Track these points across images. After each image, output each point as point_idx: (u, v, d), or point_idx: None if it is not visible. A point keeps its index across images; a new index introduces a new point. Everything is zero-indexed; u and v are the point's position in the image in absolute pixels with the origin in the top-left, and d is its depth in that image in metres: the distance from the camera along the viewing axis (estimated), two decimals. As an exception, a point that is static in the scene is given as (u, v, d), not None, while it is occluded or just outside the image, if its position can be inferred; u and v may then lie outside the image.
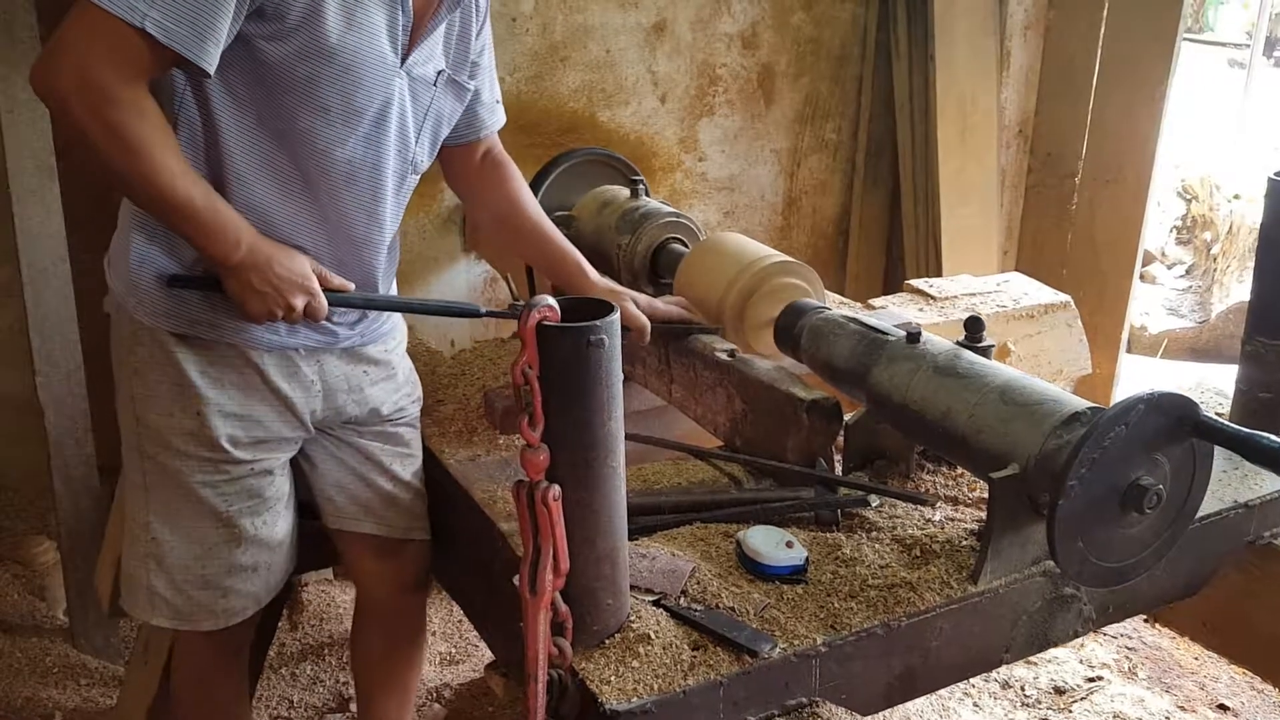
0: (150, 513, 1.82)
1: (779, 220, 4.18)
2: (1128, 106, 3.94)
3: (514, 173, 2.12)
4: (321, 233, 1.75)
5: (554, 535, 1.34)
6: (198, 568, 1.84)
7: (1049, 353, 2.98)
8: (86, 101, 1.46)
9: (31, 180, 2.56)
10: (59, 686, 2.69)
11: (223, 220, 1.60)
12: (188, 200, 1.56)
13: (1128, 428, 1.41)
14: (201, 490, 1.80)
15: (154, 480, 1.81)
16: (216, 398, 1.76)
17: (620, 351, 1.37)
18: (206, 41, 1.50)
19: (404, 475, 2.04)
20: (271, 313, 1.66)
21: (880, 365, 1.77)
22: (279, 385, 1.81)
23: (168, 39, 1.47)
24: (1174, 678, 3.10)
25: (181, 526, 1.82)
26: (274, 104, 1.63)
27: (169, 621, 1.86)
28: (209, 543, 1.83)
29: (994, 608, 1.60)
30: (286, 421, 1.84)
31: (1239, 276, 6.29)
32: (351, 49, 1.62)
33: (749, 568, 1.61)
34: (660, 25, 3.69)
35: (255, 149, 1.67)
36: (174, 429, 1.76)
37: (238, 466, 1.81)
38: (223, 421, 1.77)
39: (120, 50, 1.46)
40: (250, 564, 1.88)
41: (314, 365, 1.85)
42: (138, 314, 1.73)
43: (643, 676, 1.39)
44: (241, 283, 1.64)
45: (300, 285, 1.67)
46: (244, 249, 1.62)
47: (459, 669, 2.96)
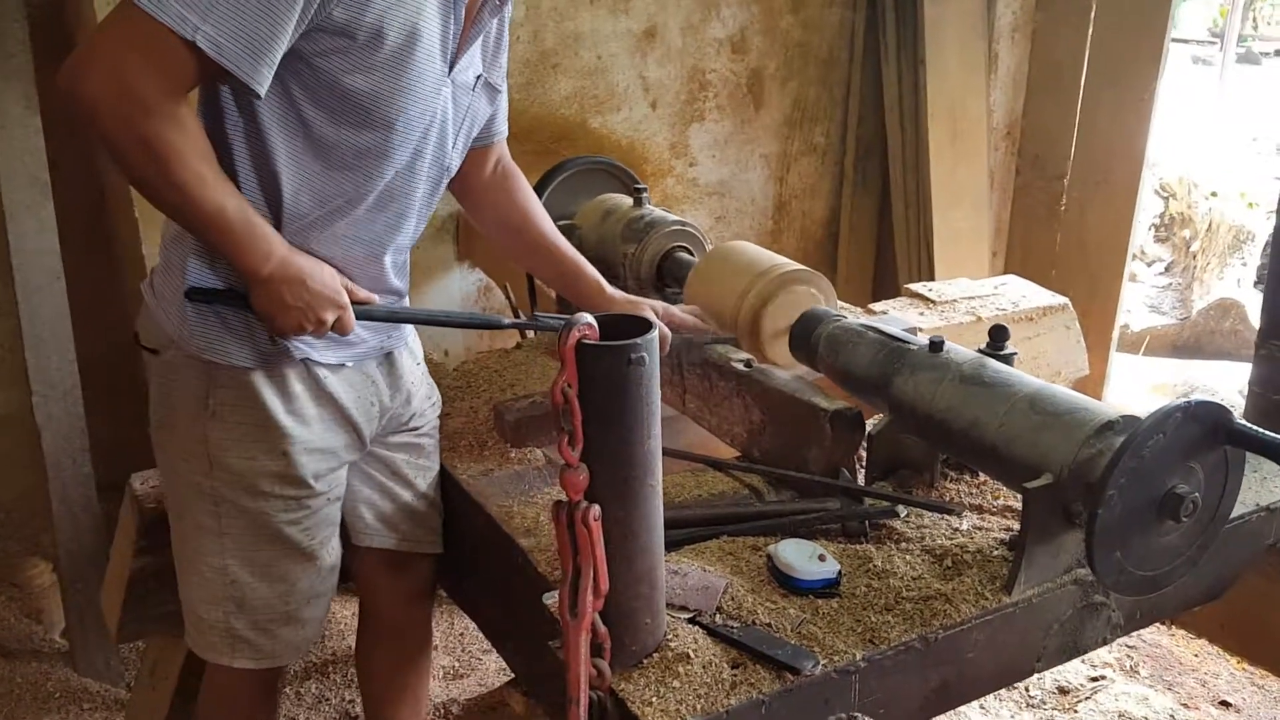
0: (227, 556, 1.76)
1: (769, 224, 4.18)
2: (1116, 108, 3.96)
3: (525, 183, 2.08)
4: (358, 245, 1.71)
5: (594, 556, 1.32)
6: (281, 605, 1.80)
7: (1048, 355, 2.99)
8: (120, 111, 1.39)
9: (24, 195, 2.52)
10: (61, 711, 2.65)
11: (255, 231, 1.54)
12: (219, 210, 1.49)
13: (1165, 436, 1.41)
14: (287, 529, 1.76)
15: (231, 524, 1.75)
16: (301, 434, 1.72)
17: (658, 369, 1.35)
18: (260, 62, 1.43)
19: (424, 487, 2.02)
20: (301, 327, 1.61)
21: (903, 374, 1.77)
22: (350, 411, 1.78)
23: (220, 56, 1.40)
24: (1175, 675, 3.12)
25: (263, 567, 1.77)
26: (331, 121, 1.57)
27: (252, 662, 1.82)
28: (292, 579, 1.80)
29: (1027, 618, 1.60)
30: (353, 443, 1.83)
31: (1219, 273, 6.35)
32: (416, 62, 1.57)
33: (781, 582, 1.60)
34: (650, 31, 3.68)
35: (303, 165, 1.61)
36: (258, 471, 1.71)
37: (318, 499, 1.78)
38: (308, 458, 1.74)
39: (163, 61, 1.39)
40: (324, 590, 1.86)
41: (368, 383, 1.83)
42: (210, 354, 1.66)
43: (684, 697, 1.38)
44: (272, 297, 1.58)
45: (332, 300, 1.63)
46: (275, 261, 1.56)
47: (464, 683, 2.93)
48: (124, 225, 2.84)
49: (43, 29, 2.64)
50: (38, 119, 2.51)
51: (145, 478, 2.13)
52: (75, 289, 2.63)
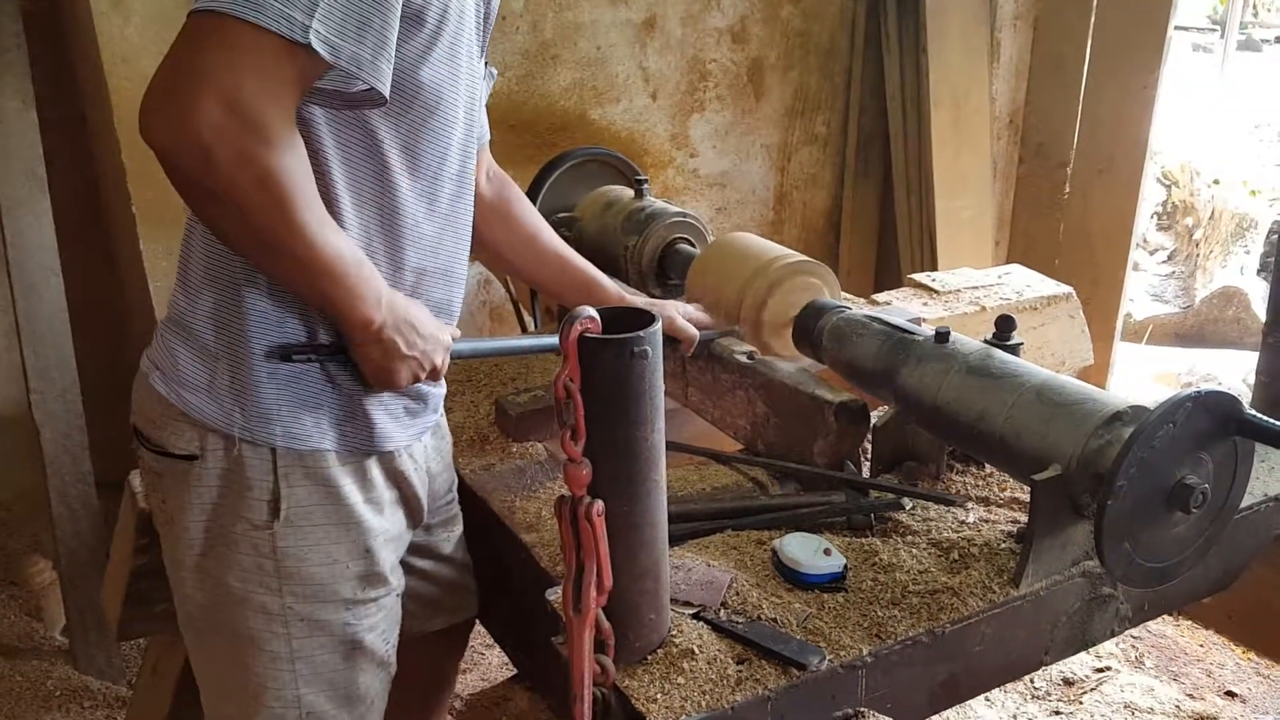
0: (302, 684, 1.52)
1: (770, 215, 4.16)
2: (1119, 95, 3.94)
3: (520, 194, 1.93)
4: (428, 267, 1.51)
5: (598, 552, 1.31)
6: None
7: (1052, 344, 2.97)
8: (237, 145, 1.14)
9: (21, 190, 2.51)
10: (62, 709, 2.64)
11: (368, 276, 1.33)
12: (338, 257, 1.27)
13: (1175, 426, 1.40)
14: (368, 637, 1.56)
15: (305, 645, 1.51)
16: (380, 526, 1.54)
17: (661, 362, 1.34)
18: (380, 58, 1.22)
19: (459, 555, 1.86)
20: (416, 377, 1.44)
21: (909, 366, 1.75)
22: (415, 486, 1.61)
23: (335, 57, 1.18)
24: (1180, 665, 3.11)
25: (345, 690, 1.56)
26: (397, 124, 1.37)
27: None
28: (372, 696, 1.61)
29: (1035, 611, 1.59)
30: (414, 523, 1.67)
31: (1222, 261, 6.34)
32: (465, 54, 1.42)
33: (787, 576, 1.58)
34: (650, 21, 3.66)
35: (364, 182, 1.39)
36: (339, 576, 1.50)
37: (390, 596, 1.60)
38: (387, 550, 1.55)
39: (276, 76, 1.16)
40: (388, 688, 1.68)
41: (422, 449, 1.64)
42: (283, 440, 1.41)
43: (689, 693, 1.37)
44: (387, 348, 1.38)
45: (441, 340, 1.45)
46: (385, 307, 1.35)
47: (467, 678, 2.93)
48: (121, 221, 2.83)
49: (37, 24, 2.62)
50: (34, 114, 2.49)
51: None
52: (72, 286, 2.62)
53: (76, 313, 2.63)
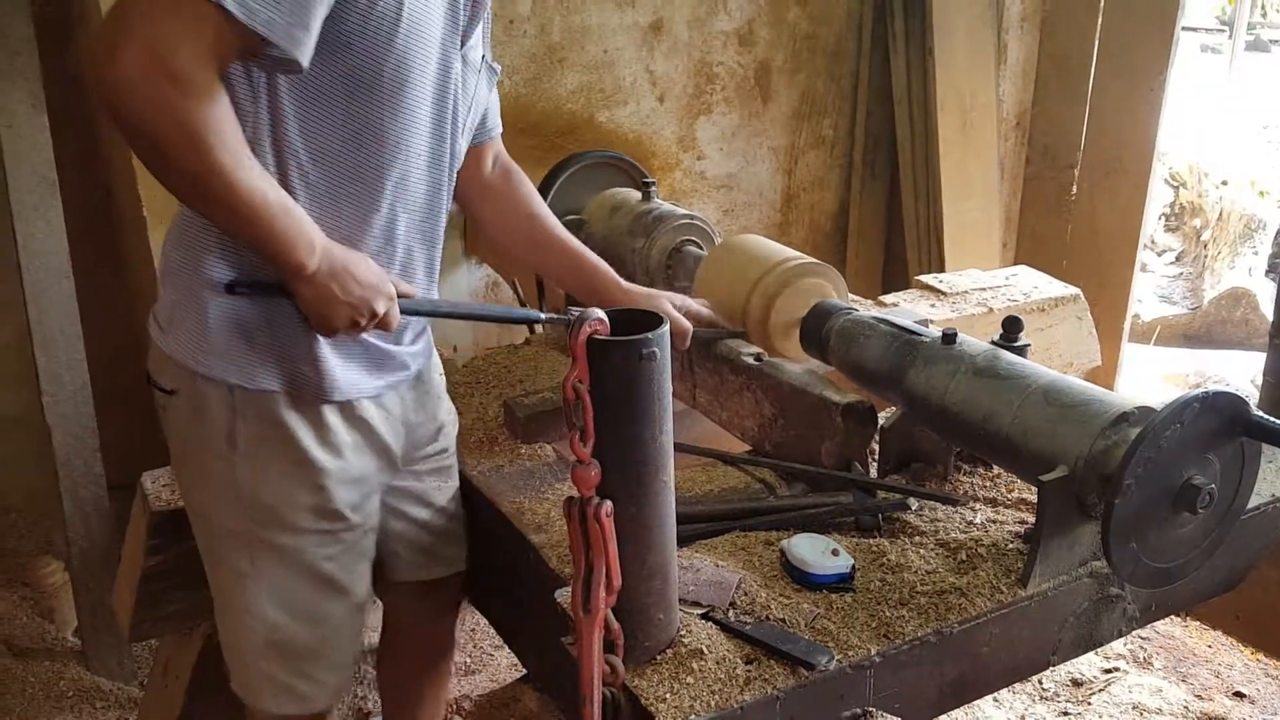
0: (264, 601, 1.67)
1: (777, 217, 4.17)
2: (1126, 97, 3.94)
3: (527, 181, 2.02)
4: (395, 240, 1.62)
5: (607, 552, 1.31)
6: (324, 649, 1.74)
7: (1059, 346, 2.98)
8: (154, 84, 1.25)
9: (33, 195, 2.52)
10: (74, 710, 2.65)
11: (298, 223, 1.42)
12: (262, 201, 1.37)
13: (1183, 427, 1.40)
14: (324, 565, 1.68)
15: (266, 565, 1.65)
16: (336, 466, 1.64)
17: (670, 363, 1.35)
18: (297, 27, 1.32)
19: (451, 506, 1.96)
20: (355, 323, 1.52)
21: (916, 367, 1.75)
22: (381, 433, 1.70)
23: (250, 19, 1.27)
24: (1189, 666, 3.10)
25: (305, 610, 1.69)
26: (353, 96, 1.47)
27: (296, 708, 1.75)
28: (334, 620, 1.73)
29: (1043, 611, 1.59)
30: (386, 468, 1.75)
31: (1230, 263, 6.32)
32: (430, 38, 1.49)
33: (795, 577, 1.59)
34: (657, 24, 3.67)
35: (326, 148, 1.49)
36: (292, 506, 1.62)
37: (353, 532, 1.71)
38: (344, 489, 1.66)
39: (194, 30, 1.26)
40: (358, 628, 1.80)
41: (395, 399, 1.73)
42: (233, 378, 1.54)
43: (698, 693, 1.37)
44: (321, 293, 1.48)
45: (382, 290, 1.53)
46: (319, 253, 1.45)
47: (476, 679, 2.93)
48: (132, 223, 2.84)
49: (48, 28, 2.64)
50: (45, 118, 2.51)
51: (156, 477, 2.12)
52: (84, 288, 2.63)
53: (88, 315, 2.64)
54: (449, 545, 1.97)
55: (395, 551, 1.90)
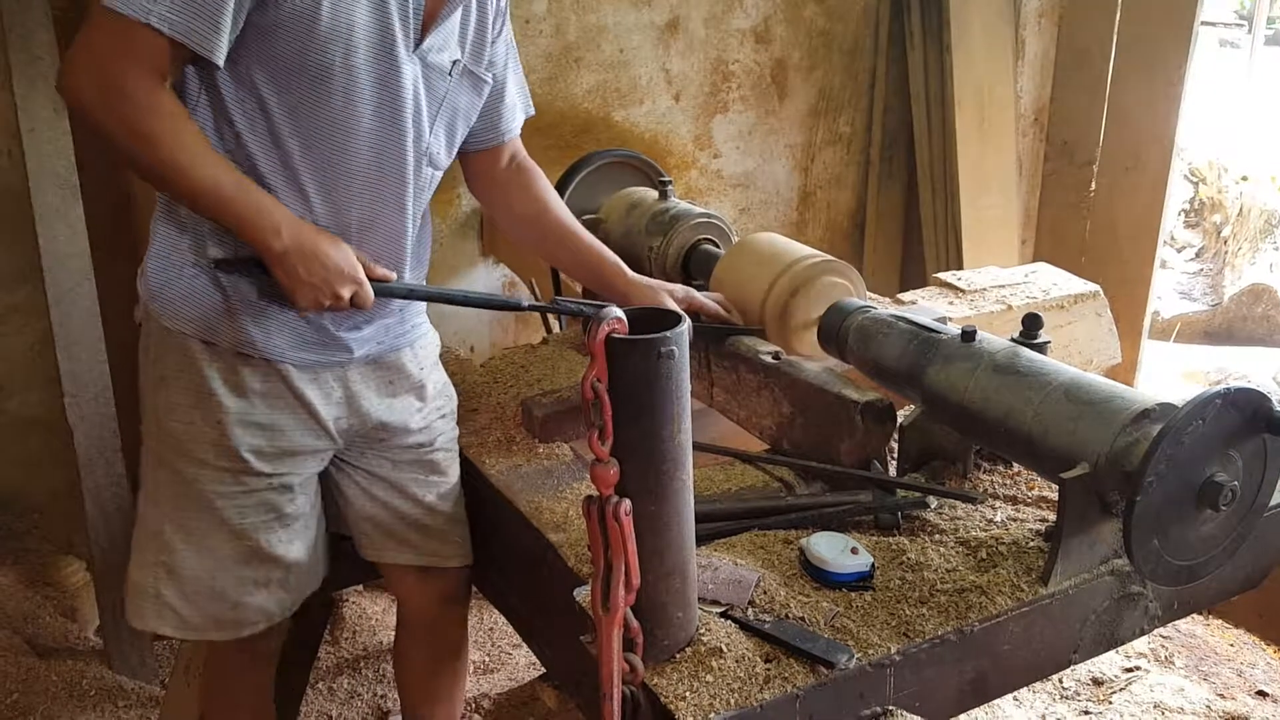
0: (163, 521, 1.80)
1: (794, 215, 4.16)
2: (1145, 92, 3.91)
3: (541, 176, 2.09)
4: (344, 229, 1.72)
5: (626, 551, 1.31)
6: (208, 579, 1.81)
7: (1079, 343, 2.96)
8: (105, 103, 1.48)
9: (54, 198, 2.53)
10: (96, 709, 2.67)
11: (258, 205, 1.59)
12: (215, 186, 1.55)
13: (1204, 423, 1.39)
14: (217, 501, 1.78)
15: (169, 490, 1.79)
16: (239, 407, 1.74)
17: (689, 362, 1.34)
18: (211, 31, 1.50)
19: (439, 504, 2.01)
20: (319, 303, 1.64)
21: (935, 365, 1.75)
22: (302, 390, 1.78)
23: (173, 31, 1.47)
24: (1211, 665, 3.08)
25: (194, 536, 1.79)
26: (287, 99, 1.61)
27: (175, 631, 1.84)
28: (220, 555, 1.81)
29: (1064, 609, 1.58)
30: (310, 430, 1.81)
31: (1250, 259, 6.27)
32: (359, 35, 1.61)
33: (814, 575, 1.59)
34: (673, 23, 3.67)
35: (273, 146, 1.64)
36: (195, 437, 1.74)
37: (256, 479, 1.79)
38: (244, 431, 1.75)
39: (131, 48, 1.47)
40: (263, 579, 1.85)
41: (337, 371, 1.82)
42: (163, 319, 1.71)
43: (718, 691, 1.37)
44: (289, 272, 1.61)
45: (348, 275, 1.65)
46: (286, 236, 1.60)
47: (495, 678, 2.94)
48: (152, 226, 2.86)
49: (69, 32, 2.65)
50: (66, 122, 2.52)
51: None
52: (105, 290, 2.64)
53: (109, 318, 2.66)
54: (427, 538, 2.01)
55: (364, 529, 2.00)
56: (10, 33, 2.46)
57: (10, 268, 2.91)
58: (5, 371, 3.04)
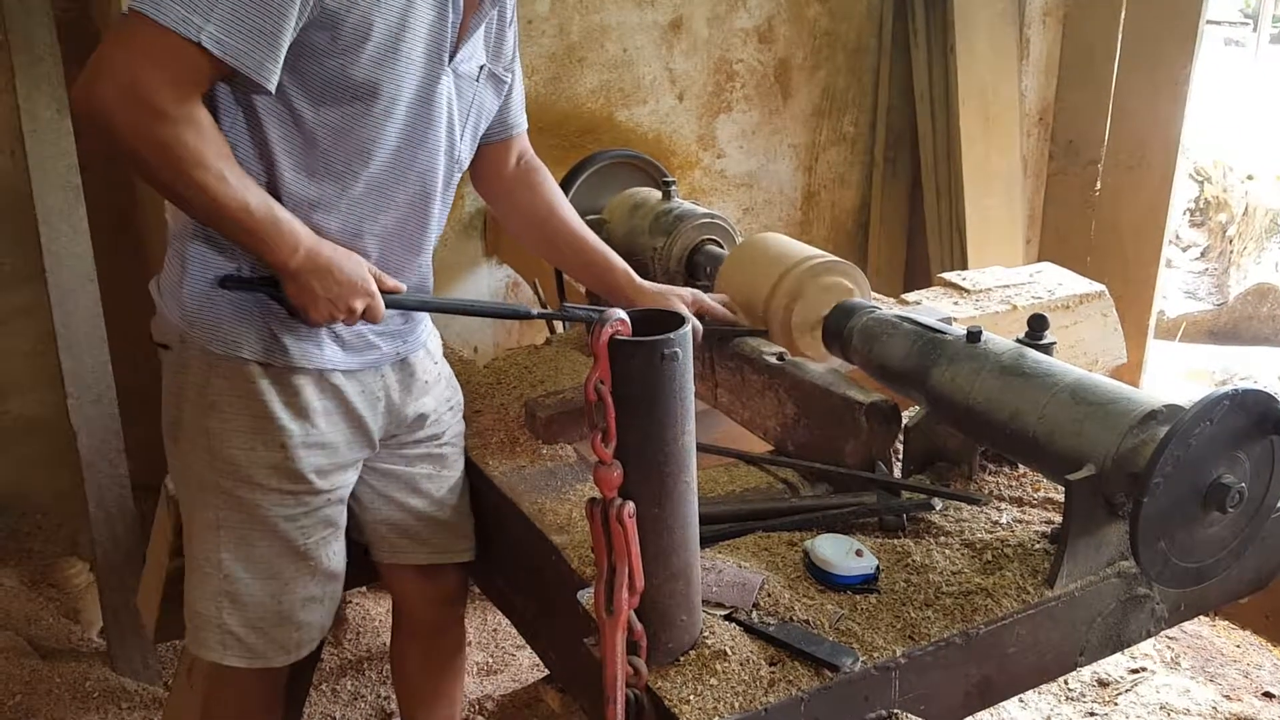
0: (223, 550, 1.76)
1: (798, 215, 4.15)
2: (1150, 91, 3.90)
3: (549, 177, 2.08)
4: (375, 237, 1.72)
5: (629, 553, 1.31)
6: (273, 604, 1.80)
7: (1085, 343, 2.95)
8: (133, 117, 1.40)
9: (57, 199, 2.53)
10: (100, 711, 2.66)
11: (281, 226, 1.55)
12: (243, 207, 1.50)
13: (1212, 425, 1.38)
14: (282, 525, 1.76)
15: (228, 516, 1.75)
16: (300, 429, 1.72)
17: (692, 364, 1.34)
18: (267, 59, 1.45)
19: (449, 497, 2.01)
20: (333, 317, 1.63)
21: (940, 366, 1.74)
22: (356, 405, 1.77)
23: (225, 54, 1.41)
24: (1217, 666, 3.07)
25: (258, 563, 1.77)
26: (327, 115, 1.58)
27: (243, 661, 1.81)
28: (285, 577, 1.79)
29: (1070, 612, 1.57)
30: (359, 441, 1.82)
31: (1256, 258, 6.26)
32: (405, 54, 1.58)
33: (819, 578, 1.58)
34: (677, 23, 3.66)
35: (306, 162, 1.62)
36: (256, 463, 1.71)
37: (318, 497, 1.78)
38: (308, 453, 1.73)
39: (172, 66, 1.40)
40: (320, 595, 1.85)
41: (378, 379, 1.82)
42: (210, 345, 1.67)
43: (722, 694, 1.36)
44: (302, 288, 1.60)
45: (361, 289, 1.63)
46: (302, 253, 1.57)
47: (498, 679, 2.93)
48: (154, 227, 2.86)
49: (71, 33, 2.65)
50: (69, 122, 2.51)
51: (180, 478, 2.13)
52: (108, 291, 2.64)
53: (112, 319, 2.65)
54: (439, 534, 2.01)
55: (380, 532, 1.98)
56: (13, 34, 2.45)
57: (13, 268, 2.92)
58: (8, 372, 3.04)
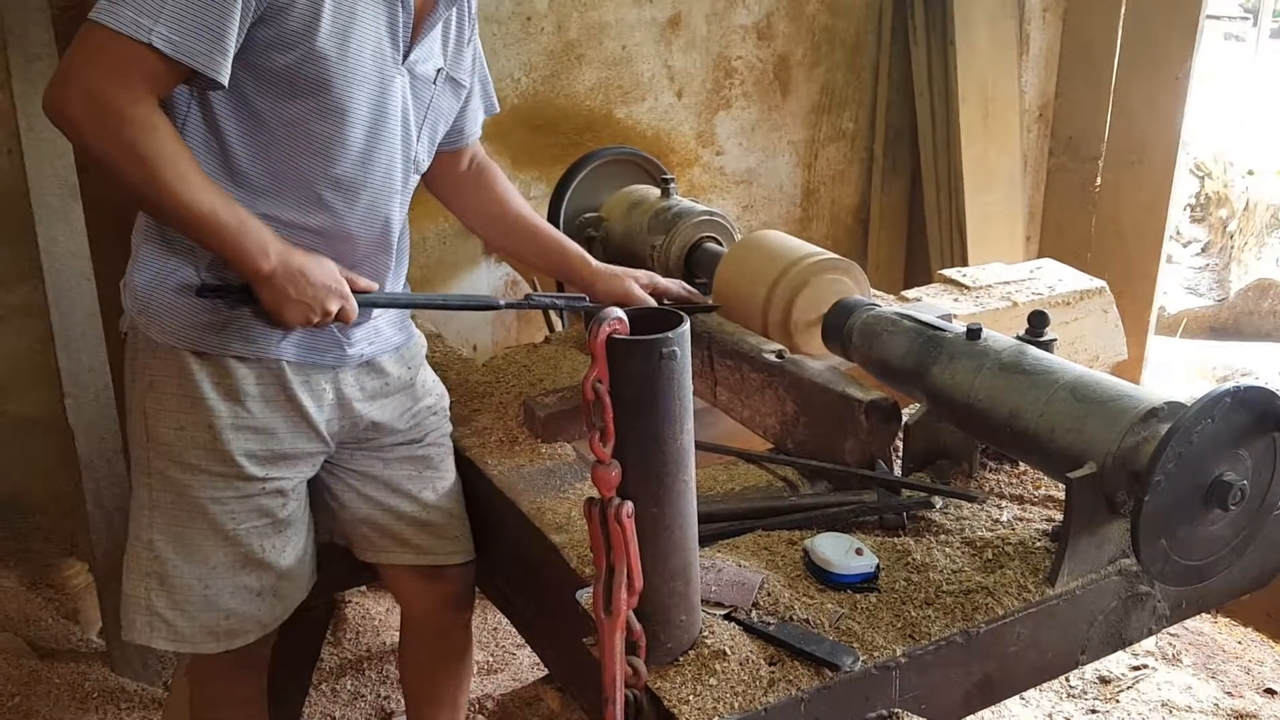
0: (155, 530, 1.77)
1: (797, 212, 4.14)
2: (1150, 86, 3.90)
3: (499, 174, 2.12)
4: (336, 238, 1.73)
5: (628, 553, 1.30)
6: (200, 588, 1.79)
7: (1085, 340, 2.94)
8: (97, 123, 1.45)
9: (53, 198, 2.52)
10: (99, 711, 2.66)
11: (249, 230, 1.57)
12: (211, 213, 1.53)
13: (1213, 422, 1.38)
14: (210, 507, 1.76)
15: (160, 497, 1.76)
16: (231, 410, 1.73)
17: (690, 362, 1.33)
18: (216, 52, 1.47)
19: (436, 500, 2.00)
20: (308, 320, 1.65)
21: (940, 363, 1.73)
22: (295, 392, 1.77)
23: (176, 53, 1.44)
24: (1219, 663, 3.07)
25: (186, 545, 1.77)
26: (282, 111, 1.61)
27: (167, 644, 1.81)
28: (213, 562, 1.79)
29: (1071, 610, 1.57)
30: (302, 433, 1.81)
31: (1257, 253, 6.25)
32: (355, 49, 1.61)
33: (819, 577, 1.57)
34: (675, 19, 3.65)
35: (265, 159, 1.64)
36: (186, 443, 1.73)
37: (250, 484, 1.77)
38: (236, 435, 1.73)
39: (128, 68, 1.44)
40: (256, 587, 1.84)
41: (328, 374, 1.82)
42: (150, 332, 1.70)
43: (722, 694, 1.36)
44: (277, 292, 1.61)
45: (334, 290, 1.66)
46: (274, 258, 1.59)
47: (499, 678, 2.93)
48: (152, 226, 2.84)
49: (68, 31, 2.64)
50: (65, 121, 2.51)
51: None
52: (104, 290, 2.63)
53: (109, 318, 2.64)
54: (424, 535, 2.00)
55: (361, 532, 1.98)
56: (9, 32, 2.45)
57: (10, 268, 2.91)
58: (5, 372, 3.03)
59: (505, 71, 3.38)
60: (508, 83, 3.40)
